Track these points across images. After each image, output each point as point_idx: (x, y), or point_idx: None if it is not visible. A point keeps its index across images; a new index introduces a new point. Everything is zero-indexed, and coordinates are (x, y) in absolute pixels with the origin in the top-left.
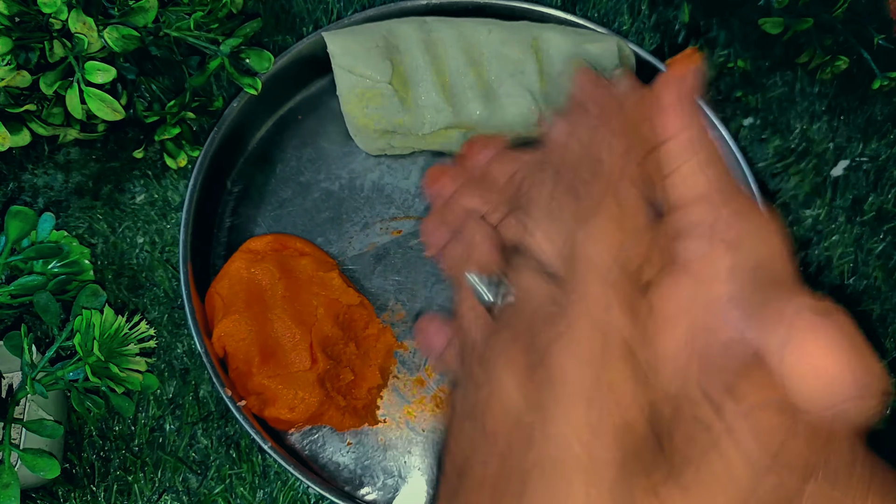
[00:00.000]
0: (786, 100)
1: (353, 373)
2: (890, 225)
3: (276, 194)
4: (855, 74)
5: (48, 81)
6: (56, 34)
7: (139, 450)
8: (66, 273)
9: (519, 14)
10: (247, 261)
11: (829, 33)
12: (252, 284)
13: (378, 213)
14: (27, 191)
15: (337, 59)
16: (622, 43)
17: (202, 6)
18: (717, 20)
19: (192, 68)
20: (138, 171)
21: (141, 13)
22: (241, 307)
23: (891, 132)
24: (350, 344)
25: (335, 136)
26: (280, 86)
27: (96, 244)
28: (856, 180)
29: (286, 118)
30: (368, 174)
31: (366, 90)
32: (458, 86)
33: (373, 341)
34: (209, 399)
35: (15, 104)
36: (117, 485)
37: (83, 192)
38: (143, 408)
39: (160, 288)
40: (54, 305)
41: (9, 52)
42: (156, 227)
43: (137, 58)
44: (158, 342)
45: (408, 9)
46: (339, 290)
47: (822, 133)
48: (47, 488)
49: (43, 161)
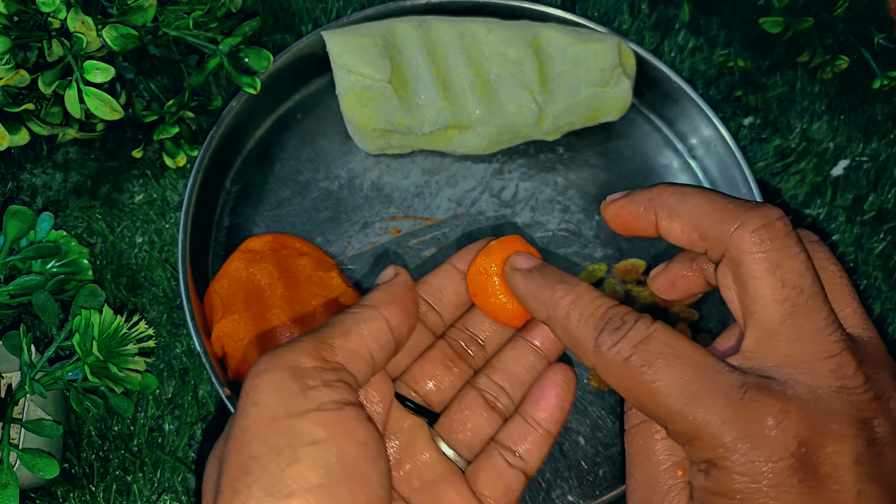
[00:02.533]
0: (786, 99)
1: None
2: (890, 225)
3: (275, 194)
4: (855, 74)
5: (47, 81)
6: (55, 33)
7: (138, 450)
8: (65, 273)
9: (519, 13)
10: (246, 260)
11: (830, 32)
12: (251, 284)
13: (377, 213)
14: (25, 190)
15: (336, 59)
16: (622, 42)
17: (201, 5)
18: (718, 19)
19: (190, 67)
20: (137, 171)
21: (139, 12)
22: (240, 307)
23: (891, 132)
24: None
25: (334, 136)
26: (279, 85)
27: (95, 244)
28: (856, 180)
29: (285, 117)
30: (368, 173)
31: (365, 89)
32: (458, 85)
33: None
34: (208, 399)
35: (13, 103)
36: (116, 485)
37: (82, 191)
38: (142, 408)
39: (159, 288)
40: (53, 305)
41: (7, 51)
42: (154, 226)
43: (136, 57)
44: (157, 342)
45: (407, 8)
46: (338, 290)
47: (823, 132)
48: (46, 488)
49: (41, 160)
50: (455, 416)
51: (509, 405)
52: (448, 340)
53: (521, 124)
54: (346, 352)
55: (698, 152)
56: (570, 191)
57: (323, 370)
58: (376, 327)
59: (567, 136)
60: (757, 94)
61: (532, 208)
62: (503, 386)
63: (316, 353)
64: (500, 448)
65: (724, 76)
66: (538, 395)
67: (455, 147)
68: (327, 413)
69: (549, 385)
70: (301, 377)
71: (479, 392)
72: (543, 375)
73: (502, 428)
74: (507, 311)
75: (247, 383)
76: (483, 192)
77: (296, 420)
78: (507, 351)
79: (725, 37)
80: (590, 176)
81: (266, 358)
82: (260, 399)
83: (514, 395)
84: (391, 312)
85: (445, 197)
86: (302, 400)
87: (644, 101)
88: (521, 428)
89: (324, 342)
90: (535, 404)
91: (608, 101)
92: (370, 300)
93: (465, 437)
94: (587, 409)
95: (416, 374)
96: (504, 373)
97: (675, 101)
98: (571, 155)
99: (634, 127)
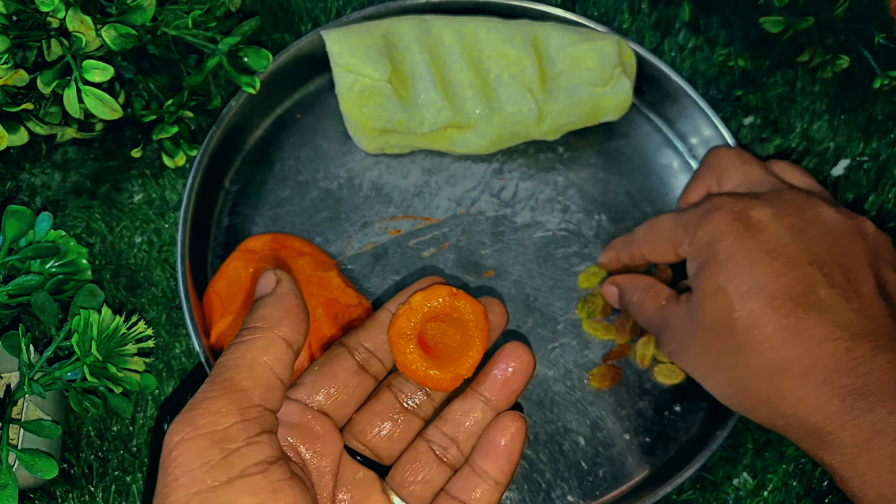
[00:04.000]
0: (786, 99)
1: None
2: (891, 224)
3: (274, 193)
4: (856, 73)
5: (46, 80)
6: (54, 33)
7: (137, 450)
8: (64, 273)
9: (519, 12)
10: (245, 260)
11: (830, 32)
12: (250, 284)
13: (377, 213)
14: (24, 190)
15: (335, 58)
16: (622, 41)
17: (200, 5)
18: (718, 19)
19: (190, 67)
20: (136, 171)
21: (139, 11)
22: (240, 307)
23: (892, 131)
24: None
25: (334, 135)
26: (278, 84)
27: (94, 244)
28: (856, 180)
29: (284, 117)
30: (367, 173)
31: (364, 89)
32: (458, 84)
33: None
34: None
35: (12, 103)
36: (115, 485)
37: (81, 191)
38: (141, 408)
39: (158, 288)
40: (52, 305)
41: (6, 50)
42: (154, 226)
43: (135, 56)
44: (156, 342)
45: (407, 7)
46: (337, 290)
47: (823, 132)
48: (45, 489)
49: (40, 160)
50: (406, 469)
51: (458, 456)
52: (394, 391)
53: (521, 124)
54: (259, 389)
55: (698, 152)
56: (570, 190)
57: (243, 425)
58: (278, 351)
59: (567, 136)
60: (757, 94)
61: (532, 208)
62: (453, 437)
63: (233, 408)
64: (451, 499)
65: (725, 76)
66: (486, 446)
67: (455, 147)
68: (253, 478)
69: (498, 435)
70: (221, 441)
71: (428, 444)
72: (493, 424)
73: (453, 479)
74: (432, 379)
75: (164, 456)
76: (483, 192)
77: (221, 491)
78: (456, 403)
79: (725, 36)
80: (590, 176)
81: (180, 426)
82: (180, 474)
83: (463, 448)
84: (287, 330)
85: (445, 197)
86: (225, 467)
87: (644, 100)
88: (470, 480)
89: (235, 391)
90: (484, 455)
91: (608, 100)
92: (262, 321)
93: (416, 490)
94: (587, 409)
95: (364, 426)
96: (454, 425)
97: (676, 101)
98: (571, 154)
99: (634, 127)
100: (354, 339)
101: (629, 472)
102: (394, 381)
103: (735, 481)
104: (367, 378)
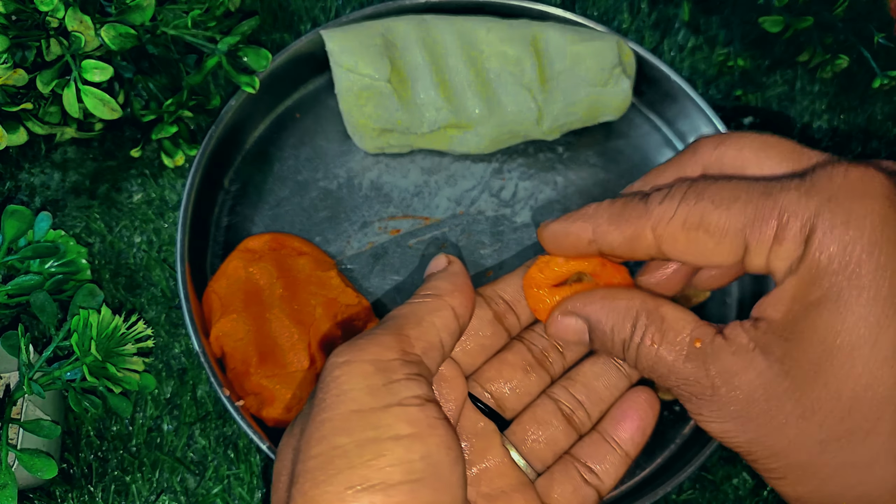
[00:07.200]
0: (786, 98)
1: None
2: None
3: (273, 193)
4: (855, 73)
5: (45, 80)
6: (53, 32)
7: (137, 450)
8: (63, 272)
9: (518, 12)
10: (244, 260)
11: (830, 32)
12: (250, 284)
13: (376, 212)
14: (24, 190)
15: (335, 58)
16: (622, 41)
17: (199, 4)
18: (717, 18)
19: (189, 67)
20: (135, 170)
21: (138, 11)
22: (239, 307)
23: (891, 131)
24: None
25: (333, 135)
26: (278, 84)
27: (93, 243)
28: None
29: (284, 117)
30: (367, 173)
31: (364, 88)
32: (457, 84)
33: None
34: (207, 399)
35: (11, 103)
36: (115, 485)
37: (80, 191)
38: (140, 408)
39: (157, 287)
40: (51, 305)
41: (5, 50)
42: (153, 226)
43: (134, 56)
44: (156, 342)
45: (406, 7)
46: (337, 290)
47: (823, 132)
48: (45, 489)
49: (40, 160)
50: (529, 425)
51: (585, 421)
52: (526, 343)
53: (521, 124)
54: (422, 343)
55: None
56: (569, 190)
57: (405, 363)
58: (446, 316)
59: (567, 136)
60: (757, 94)
61: (531, 208)
62: (581, 400)
63: (397, 346)
64: (577, 463)
65: (724, 75)
66: (620, 415)
67: (454, 146)
68: (411, 409)
69: (633, 407)
70: (384, 370)
71: (555, 403)
72: (627, 396)
73: (579, 443)
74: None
75: (326, 374)
76: (482, 192)
77: (380, 414)
78: (587, 364)
79: (725, 36)
80: (590, 175)
81: (346, 349)
82: (344, 391)
83: (591, 412)
84: (456, 300)
85: (445, 196)
86: (385, 394)
87: (644, 100)
88: (600, 446)
89: (402, 334)
90: (617, 424)
91: (608, 100)
92: (434, 289)
93: (537, 448)
94: None
95: (492, 375)
96: (584, 387)
97: (675, 101)
98: (571, 154)
99: (634, 126)
100: (492, 289)
101: (629, 471)
102: (526, 334)
103: (735, 481)
104: (501, 331)
